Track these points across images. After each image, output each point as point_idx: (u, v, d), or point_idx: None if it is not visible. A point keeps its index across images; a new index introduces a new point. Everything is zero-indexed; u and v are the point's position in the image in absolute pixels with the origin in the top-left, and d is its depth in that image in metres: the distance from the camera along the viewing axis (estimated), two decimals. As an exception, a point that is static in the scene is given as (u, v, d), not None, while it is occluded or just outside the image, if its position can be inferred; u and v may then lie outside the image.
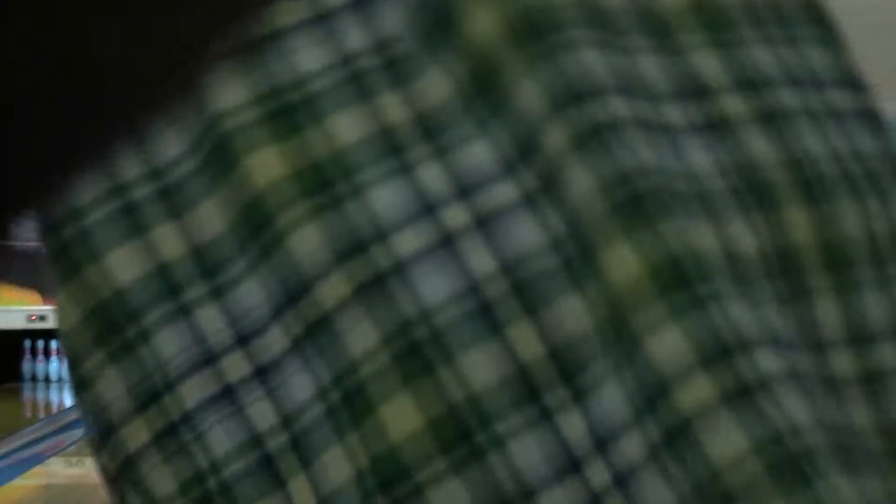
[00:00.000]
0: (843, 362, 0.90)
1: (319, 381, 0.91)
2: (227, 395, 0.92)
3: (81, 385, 0.99)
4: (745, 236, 0.89)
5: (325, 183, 0.93)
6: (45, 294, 11.93)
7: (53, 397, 11.91)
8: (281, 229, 0.91)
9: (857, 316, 0.91)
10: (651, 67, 0.92)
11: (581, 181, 0.90)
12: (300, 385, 0.91)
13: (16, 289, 11.96)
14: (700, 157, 0.89)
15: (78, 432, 9.38)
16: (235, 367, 0.93)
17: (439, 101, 0.94)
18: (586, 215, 0.89)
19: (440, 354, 0.89)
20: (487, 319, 0.89)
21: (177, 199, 0.89)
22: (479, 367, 0.88)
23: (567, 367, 0.88)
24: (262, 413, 0.92)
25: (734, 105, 0.90)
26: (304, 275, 0.91)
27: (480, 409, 0.88)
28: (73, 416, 9.95)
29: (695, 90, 0.91)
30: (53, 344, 12.48)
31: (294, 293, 0.92)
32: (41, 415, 10.96)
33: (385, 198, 0.92)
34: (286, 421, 0.91)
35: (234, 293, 0.91)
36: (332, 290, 0.90)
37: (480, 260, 0.90)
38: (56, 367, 12.46)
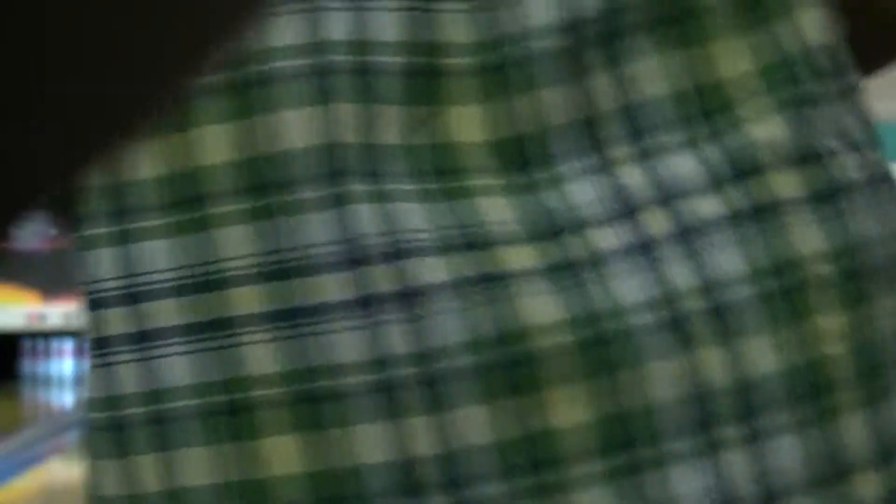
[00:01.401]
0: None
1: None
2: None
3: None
4: None
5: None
6: (46, 294, 11.93)
7: (53, 397, 11.91)
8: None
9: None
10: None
11: (804, 231, 0.88)
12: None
13: (16, 289, 11.96)
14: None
15: (78, 432, 9.39)
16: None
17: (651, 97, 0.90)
18: (798, 263, 0.88)
19: (626, 354, 0.85)
20: (679, 334, 0.85)
21: None
22: (661, 380, 0.85)
23: (747, 406, 0.85)
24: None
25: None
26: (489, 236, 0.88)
27: (652, 422, 0.85)
28: (73, 416, 9.95)
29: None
30: (53, 344, 12.49)
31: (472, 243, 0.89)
32: (41, 415, 10.97)
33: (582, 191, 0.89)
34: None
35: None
36: (519, 256, 0.87)
37: (679, 272, 0.86)
38: (56, 367, 12.47)
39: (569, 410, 0.85)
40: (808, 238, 0.88)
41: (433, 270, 0.87)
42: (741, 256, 0.87)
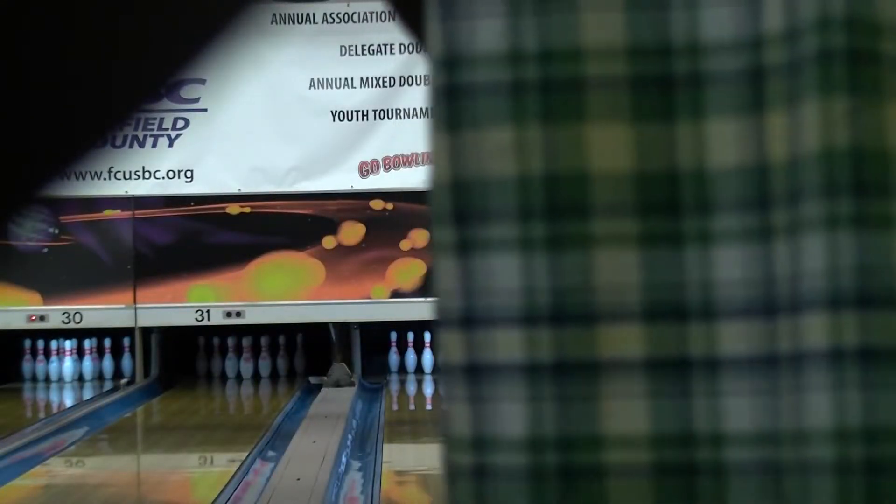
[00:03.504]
0: None
1: None
2: None
3: None
4: None
5: None
6: (45, 294, 11.94)
7: (53, 397, 11.91)
8: None
9: None
10: None
11: None
12: None
13: (16, 289, 11.95)
14: None
15: (78, 432, 9.39)
16: None
17: None
18: None
19: (710, 493, 0.76)
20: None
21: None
22: None
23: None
24: None
25: None
26: None
27: None
28: (73, 416, 9.96)
29: None
30: (53, 344, 12.49)
31: None
32: (41, 415, 10.97)
33: None
34: None
35: None
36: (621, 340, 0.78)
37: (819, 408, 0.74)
38: (56, 367, 12.47)
39: None
40: None
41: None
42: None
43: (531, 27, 0.74)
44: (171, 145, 7.71)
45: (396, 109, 7.83)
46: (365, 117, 7.82)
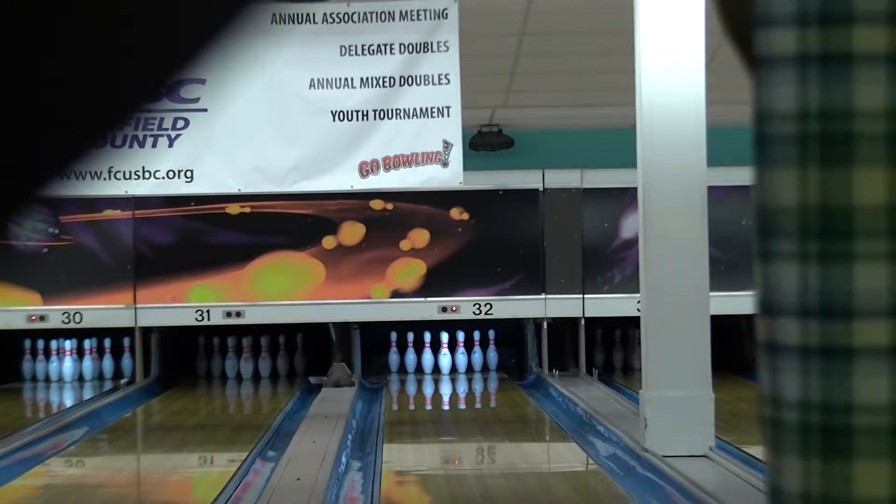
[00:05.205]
0: None
1: None
2: None
3: None
4: None
5: None
6: (45, 294, 11.95)
7: (53, 397, 11.91)
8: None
9: None
10: None
11: None
12: None
13: (16, 289, 11.95)
14: None
15: (78, 432, 9.39)
16: None
17: None
18: None
19: None
20: None
21: None
22: None
23: None
24: None
25: None
26: None
27: None
28: (73, 416, 9.96)
29: None
30: (53, 344, 12.50)
31: None
32: (41, 415, 10.97)
33: None
34: None
35: None
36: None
37: None
38: (56, 367, 12.48)
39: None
40: None
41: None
42: None
43: (815, 93, 0.98)
44: (171, 145, 7.70)
45: (396, 109, 7.82)
46: (365, 117, 7.81)
